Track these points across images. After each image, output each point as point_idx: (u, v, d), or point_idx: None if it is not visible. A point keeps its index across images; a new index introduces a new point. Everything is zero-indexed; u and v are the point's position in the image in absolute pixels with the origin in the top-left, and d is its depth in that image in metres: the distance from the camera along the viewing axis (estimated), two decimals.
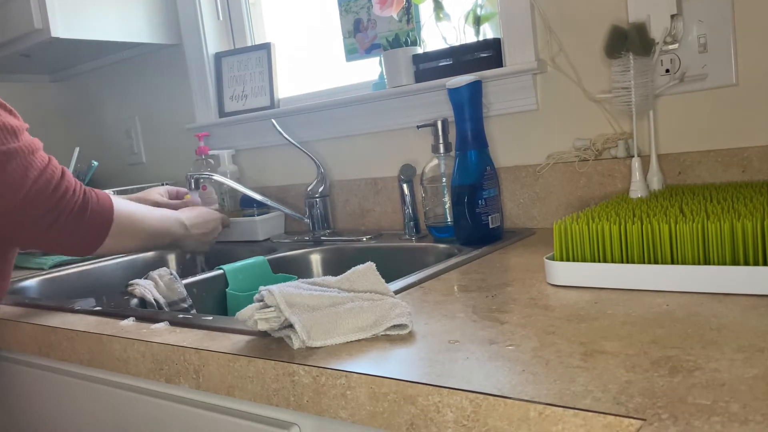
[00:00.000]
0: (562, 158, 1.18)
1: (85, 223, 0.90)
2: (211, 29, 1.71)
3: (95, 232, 0.92)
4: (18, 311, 1.01)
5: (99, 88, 2.04)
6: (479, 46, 1.23)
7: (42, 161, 0.87)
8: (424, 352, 0.61)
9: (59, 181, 0.87)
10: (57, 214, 0.87)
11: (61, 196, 0.87)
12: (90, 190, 0.92)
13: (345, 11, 1.46)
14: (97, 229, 0.92)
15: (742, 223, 0.67)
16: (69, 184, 0.88)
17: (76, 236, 0.90)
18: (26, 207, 0.85)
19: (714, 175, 1.04)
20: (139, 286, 1.01)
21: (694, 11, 1.02)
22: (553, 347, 0.58)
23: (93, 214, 0.90)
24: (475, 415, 0.51)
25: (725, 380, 0.47)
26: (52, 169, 0.87)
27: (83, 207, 0.89)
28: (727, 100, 1.03)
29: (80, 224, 0.89)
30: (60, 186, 0.87)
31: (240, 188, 1.43)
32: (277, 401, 0.64)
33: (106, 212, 0.93)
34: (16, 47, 1.61)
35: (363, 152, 1.46)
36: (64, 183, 0.88)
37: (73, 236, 0.90)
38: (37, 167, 0.86)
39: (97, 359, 0.84)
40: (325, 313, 0.68)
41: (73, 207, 0.88)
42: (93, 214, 0.90)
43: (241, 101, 1.66)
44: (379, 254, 1.24)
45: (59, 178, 0.87)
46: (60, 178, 0.88)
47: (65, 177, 0.89)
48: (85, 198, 0.90)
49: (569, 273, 0.78)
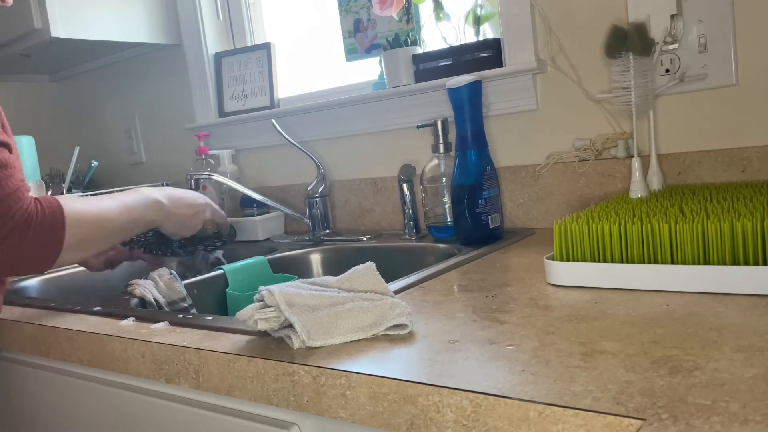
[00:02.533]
0: (562, 158, 1.18)
1: (30, 236, 0.83)
2: (211, 29, 1.71)
3: (46, 244, 0.85)
4: (18, 311, 1.01)
5: (99, 88, 2.04)
6: (479, 46, 1.23)
7: None
8: (424, 352, 0.61)
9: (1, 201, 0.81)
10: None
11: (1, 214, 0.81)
12: (36, 201, 0.84)
13: (345, 11, 1.46)
14: (48, 240, 0.85)
15: (742, 223, 0.67)
16: (12, 202, 0.82)
17: (27, 252, 0.83)
18: None
19: (714, 175, 1.04)
20: (139, 286, 1.01)
21: (694, 11, 1.02)
22: (553, 347, 0.58)
23: (38, 225, 0.83)
24: (475, 415, 0.51)
25: (725, 380, 0.47)
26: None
27: (27, 221, 0.83)
28: (727, 100, 1.03)
29: (26, 239, 0.82)
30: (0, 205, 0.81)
31: (240, 188, 1.43)
32: (277, 401, 0.64)
33: (55, 220, 0.85)
34: (16, 47, 1.61)
35: (363, 152, 1.46)
36: (9, 201, 0.82)
37: (24, 252, 0.83)
38: None
39: (97, 359, 0.84)
40: (325, 313, 0.68)
41: (15, 223, 0.82)
42: (38, 225, 0.83)
43: (241, 101, 1.66)
44: (379, 254, 1.24)
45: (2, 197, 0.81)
46: (5, 197, 0.81)
47: (14, 195, 0.82)
48: (28, 211, 0.83)
49: (569, 273, 0.78)
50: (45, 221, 0.84)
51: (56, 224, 0.85)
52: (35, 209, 0.84)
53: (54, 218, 0.85)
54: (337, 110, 1.45)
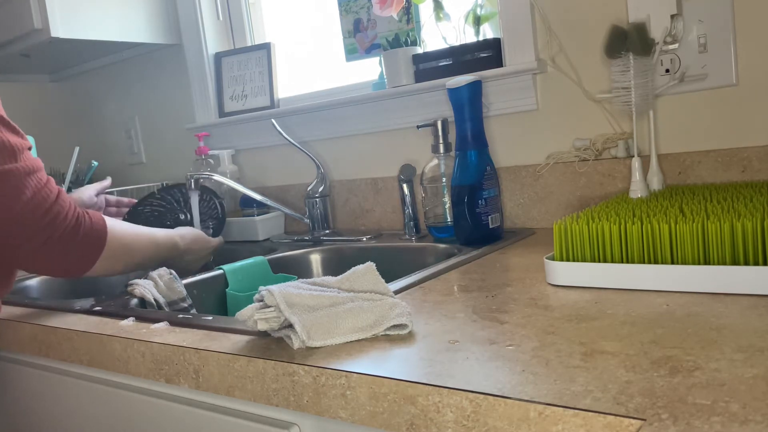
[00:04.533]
0: (562, 158, 1.18)
1: (76, 244, 0.90)
2: (211, 29, 1.71)
3: (86, 254, 0.92)
4: (18, 311, 1.01)
5: (99, 88, 2.04)
6: (479, 46, 1.23)
7: (38, 182, 0.87)
8: (424, 352, 0.61)
9: (53, 204, 0.87)
10: (48, 234, 0.87)
11: (53, 217, 0.87)
12: (84, 212, 0.92)
13: (345, 11, 1.46)
14: (89, 251, 0.92)
15: (742, 223, 0.67)
16: (62, 207, 0.89)
17: (67, 257, 0.90)
18: (16, 226, 0.85)
19: (714, 175, 1.04)
20: (139, 286, 1.01)
21: (694, 11, 1.02)
22: (553, 347, 0.58)
23: (85, 236, 0.90)
24: (475, 415, 0.51)
25: (725, 380, 0.47)
26: (47, 192, 0.88)
27: (75, 229, 0.89)
28: (727, 100, 1.03)
29: (71, 246, 0.89)
30: (53, 208, 0.87)
31: (240, 188, 1.43)
32: (277, 401, 0.64)
33: (99, 235, 0.93)
34: (16, 47, 1.61)
35: (363, 152, 1.46)
36: (57, 205, 0.88)
37: (64, 257, 0.90)
38: (32, 188, 0.86)
39: (97, 359, 0.84)
40: (324, 313, 0.67)
41: (66, 228, 0.88)
42: (85, 236, 0.90)
43: (241, 101, 1.66)
44: (379, 254, 1.24)
45: (53, 200, 0.88)
46: (54, 200, 0.88)
47: (60, 199, 0.89)
48: (78, 220, 0.90)
49: (569, 273, 0.78)
50: (93, 229, 0.92)
51: (100, 235, 0.93)
52: (83, 215, 0.91)
53: (99, 229, 0.93)
54: (337, 110, 1.45)
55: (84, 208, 0.94)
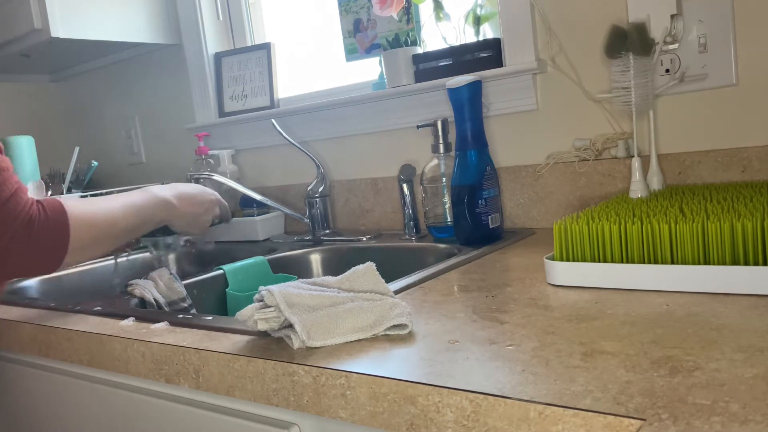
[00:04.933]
0: (562, 158, 1.18)
1: (34, 239, 0.83)
2: (211, 29, 1.71)
3: (51, 246, 0.85)
4: (18, 311, 1.01)
5: (99, 88, 2.04)
6: (479, 46, 1.23)
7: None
8: (424, 352, 0.61)
9: (5, 202, 0.82)
10: (10, 235, 0.81)
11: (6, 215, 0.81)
12: (37, 204, 0.85)
13: (345, 11, 1.46)
14: (53, 242, 0.85)
15: (742, 223, 0.67)
16: (12, 206, 0.82)
17: (31, 254, 0.84)
18: None
19: (714, 175, 1.04)
20: (139, 286, 1.01)
21: (694, 11, 1.02)
22: (553, 347, 0.58)
23: (41, 228, 0.84)
24: (475, 415, 0.51)
25: (725, 380, 0.47)
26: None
27: (29, 223, 0.83)
28: (727, 100, 1.03)
29: (30, 242, 0.83)
30: (5, 206, 0.82)
31: (240, 188, 1.43)
32: (277, 401, 0.64)
33: (59, 222, 0.85)
34: (16, 47, 1.61)
35: (363, 152, 1.46)
36: (11, 203, 0.82)
37: (29, 255, 0.84)
38: None
39: (97, 359, 0.84)
40: (324, 313, 0.67)
41: (17, 227, 0.82)
42: (41, 228, 0.84)
43: (241, 101, 1.66)
44: (379, 254, 1.24)
45: (6, 198, 0.82)
46: (8, 197, 0.82)
47: (14, 197, 0.83)
48: (30, 213, 0.83)
49: (569, 273, 0.78)
50: (48, 224, 0.85)
51: (60, 226, 0.86)
52: (37, 211, 0.85)
53: (57, 220, 0.86)
54: (337, 110, 1.45)
55: (42, 199, 0.87)
